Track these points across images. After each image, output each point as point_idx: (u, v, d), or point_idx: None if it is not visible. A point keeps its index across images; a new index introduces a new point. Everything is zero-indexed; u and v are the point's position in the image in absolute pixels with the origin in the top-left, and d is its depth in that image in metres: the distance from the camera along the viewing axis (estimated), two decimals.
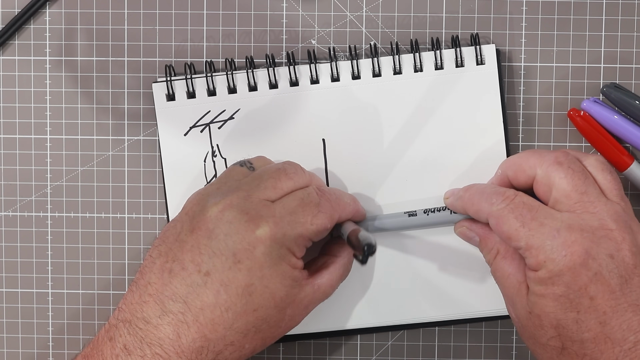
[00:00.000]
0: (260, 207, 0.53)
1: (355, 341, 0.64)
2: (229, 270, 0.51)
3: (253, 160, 0.58)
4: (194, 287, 0.51)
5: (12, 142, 0.64)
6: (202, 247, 0.52)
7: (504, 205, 0.54)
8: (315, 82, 0.62)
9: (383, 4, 0.63)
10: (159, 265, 0.53)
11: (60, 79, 0.63)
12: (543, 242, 0.52)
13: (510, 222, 0.53)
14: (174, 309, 0.51)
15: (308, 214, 0.54)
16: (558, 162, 0.55)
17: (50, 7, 0.63)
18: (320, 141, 0.62)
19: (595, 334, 0.51)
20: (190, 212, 0.54)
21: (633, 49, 0.62)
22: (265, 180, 0.55)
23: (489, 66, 0.61)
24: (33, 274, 0.64)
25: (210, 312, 0.51)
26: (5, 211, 0.64)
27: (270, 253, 0.52)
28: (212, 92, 0.62)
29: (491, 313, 0.62)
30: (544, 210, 0.54)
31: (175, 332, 0.51)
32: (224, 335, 0.51)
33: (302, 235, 0.53)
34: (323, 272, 0.56)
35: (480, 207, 0.56)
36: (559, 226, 0.52)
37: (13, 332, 0.64)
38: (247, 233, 0.52)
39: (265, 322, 0.53)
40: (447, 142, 0.61)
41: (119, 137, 0.63)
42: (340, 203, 0.56)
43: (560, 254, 0.52)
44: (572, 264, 0.51)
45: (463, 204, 0.57)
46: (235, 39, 0.63)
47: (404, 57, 0.61)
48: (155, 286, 0.52)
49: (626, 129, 0.61)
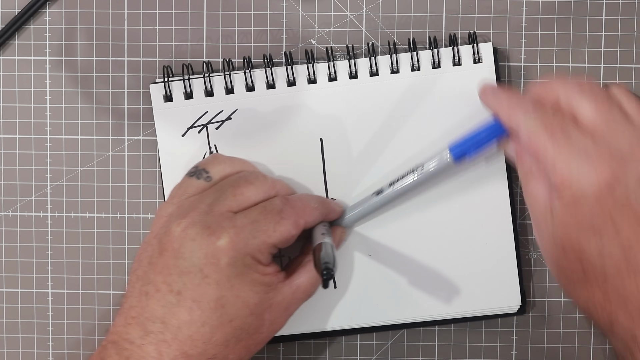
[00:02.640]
0: (222, 220, 0.53)
1: (356, 341, 0.64)
2: (198, 286, 0.52)
3: (208, 165, 0.57)
4: (168, 307, 0.52)
5: (12, 142, 0.64)
6: (171, 268, 0.53)
7: (538, 117, 0.53)
8: (313, 82, 0.62)
9: (383, 4, 0.63)
10: (138, 288, 0.54)
11: (60, 79, 0.64)
12: (569, 162, 0.51)
13: (540, 136, 0.52)
14: (154, 329, 0.52)
15: (270, 222, 0.54)
16: (581, 89, 0.53)
17: (50, 7, 0.63)
18: (318, 141, 0.62)
19: (617, 263, 0.50)
20: (158, 235, 0.54)
21: (633, 49, 0.62)
22: (225, 190, 0.55)
23: (486, 64, 0.61)
24: (33, 274, 0.64)
25: (187, 329, 0.52)
26: (5, 211, 0.64)
27: (234, 263, 0.52)
28: (210, 92, 0.62)
29: (491, 312, 0.62)
30: (576, 130, 0.52)
31: (157, 351, 0.52)
32: (204, 349, 0.52)
33: (265, 242, 0.53)
34: (301, 271, 0.56)
35: (513, 114, 0.54)
36: (587, 147, 0.51)
37: (13, 332, 0.64)
38: (209, 247, 0.52)
39: (243, 330, 0.53)
40: (444, 142, 0.61)
41: (119, 137, 0.63)
42: (306, 209, 0.56)
43: (586, 176, 0.50)
44: (597, 189, 0.50)
45: (497, 104, 0.56)
46: (235, 39, 0.63)
47: (401, 56, 0.61)
48: (136, 309, 0.53)
49: None
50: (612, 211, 0.50)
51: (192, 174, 0.56)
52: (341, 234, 0.60)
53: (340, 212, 0.60)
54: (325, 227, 0.58)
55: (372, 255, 0.62)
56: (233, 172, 0.57)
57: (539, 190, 0.54)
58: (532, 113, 0.53)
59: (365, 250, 0.62)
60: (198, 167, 0.57)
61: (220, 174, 0.57)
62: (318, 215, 0.57)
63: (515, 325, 0.63)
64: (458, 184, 0.61)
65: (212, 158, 0.58)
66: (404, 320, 0.62)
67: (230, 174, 0.57)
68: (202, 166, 0.57)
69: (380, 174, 0.61)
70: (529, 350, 0.63)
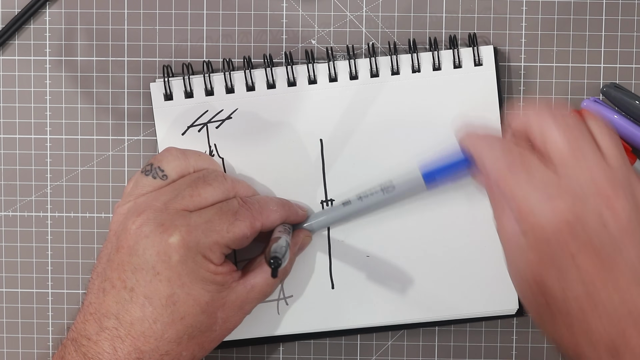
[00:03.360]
0: (176, 217, 0.54)
1: (355, 341, 0.64)
2: (150, 283, 0.53)
3: (162, 162, 0.57)
4: (122, 304, 0.53)
5: (12, 142, 0.64)
6: (125, 264, 0.53)
7: (501, 150, 0.53)
8: (313, 82, 0.62)
9: (383, 4, 0.63)
10: (97, 285, 0.54)
11: (60, 79, 0.63)
12: (528, 198, 0.51)
13: (500, 167, 0.52)
14: (109, 325, 0.53)
15: (224, 222, 0.54)
16: (554, 120, 0.52)
17: (50, 7, 0.63)
18: (318, 141, 0.62)
19: (580, 299, 0.50)
20: (116, 233, 0.55)
21: (633, 49, 0.62)
22: (183, 190, 0.55)
23: (487, 67, 0.61)
24: (33, 274, 0.64)
25: (140, 325, 0.53)
26: (5, 211, 0.64)
27: (185, 261, 0.53)
28: (210, 91, 0.62)
29: (491, 313, 0.62)
30: (537, 163, 0.52)
31: (111, 347, 0.53)
32: (157, 346, 0.53)
33: (217, 242, 0.54)
34: (257, 271, 0.57)
35: (479, 146, 0.54)
36: (549, 182, 0.51)
37: (13, 332, 0.64)
38: (161, 244, 0.53)
39: (195, 328, 0.54)
40: (444, 144, 0.61)
41: (119, 137, 0.63)
42: (264, 211, 0.57)
43: (544, 212, 0.50)
44: (556, 226, 0.50)
45: (467, 139, 0.56)
46: (235, 39, 0.63)
47: (402, 58, 0.61)
48: (94, 305, 0.54)
49: (626, 129, 0.61)
50: (572, 248, 0.50)
51: (148, 172, 0.56)
52: (304, 237, 0.60)
53: (303, 215, 0.60)
54: (285, 227, 0.58)
55: (371, 256, 0.62)
56: (188, 167, 0.57)
57: (509, 223, 0.53)
58: (496, 146, 0.53)
59: (364, 251, 0.62)
60: (153, 165, 0.57)
61: (175, 171, 0.57)
62: (277, 218, 0.57)
63: (515, 326, 0.63)
64: (458, 186, 0.61)
65: (166, 154, 0.57)
66: (404, 321, 0.62)
67: (185, 169, 0.57)
68: (157, 164, 0.57)
69: (378, 174, 0.61)
70: (529, 350, 0.63)
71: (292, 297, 0.62)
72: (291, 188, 0.62)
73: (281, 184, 0.62)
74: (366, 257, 0.62)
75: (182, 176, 0.57)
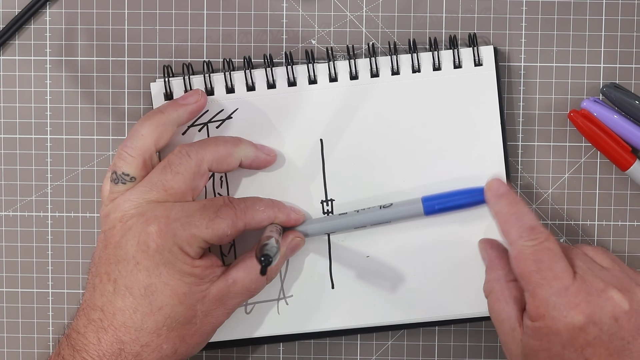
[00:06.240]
0: (157, 208, 0.55)
1: (355, 341, 0.64)
2: (130, 273, 0.54)
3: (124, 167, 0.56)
4: (107, 296, 0.55)
5: (13, 142, 0.64)
6: (111, 258, 0.55)
7: (530, 243, 0.54)
8: (313, 82, 0.62)
9: (383, 4, 0.63)
10: (90, 283, 0.56)
11: (61, 79, 0.64)
12: (549, 298, 0.53)
13: (528, 263, 0.54)
14: (95, 317, 0.55)
15: (204, 218, 0.55)
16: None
17: (50, 7, 0.63)
18: (318, 141, 0.62)
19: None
20: (104, 232, 0.56)
21: (633, 49, 0.62)
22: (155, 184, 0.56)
23: (487, 67, 0.61)
24: (33, 273, 0.64)
25: (121, 315, 0.54)
26: (6, 211, 0.64)
27: (161, 251, 0.54)
28: (210, 91, 0.62)
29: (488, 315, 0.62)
30: (564, 264, 0.54)
31: (96, 337, 0.54)
32: (137, 337, 0.54)
33: (195, 236, 0.55)
34: (240, 266, 0.57)
35: (509, 230, 0.56)
36: (567, 286, 0.53)
37: (13, 332, 0.64)
38: (142, 234, 0.54)
39: (174, 319, 0.55)
40: (444, 144, 0.61)
41: (119, 137, 0.64)
42: (249, 211, 0.57)
43: (562, 315, 0.52)
44: (572, 328, 0.52)
45: (497, 213, 0.58)
46: (235, 39, 0.63)
47: (402, 58, 0.61)
48: (87, 302, 0.56)
49: (626, 129, 0.61)
50: (584, 346, 0.52)
51: (117, 181, 0.57)
52: (294, 237, 0.60)
53: (296, 218, 0.60)
54: (276, 227, 0.58)
55: (371, 256, 0.62)
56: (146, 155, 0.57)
57: (505, 314, 0.56)
58: (525, 235, 0.55)
59: (364, 251, 0.62)
60: (117, 173, 0.57)
61: (139, 168, 0.57)
62: (264, 218, 0.58)
63: None
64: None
65: (122, 157, 0.57)
66: (404, 321, 0.62)
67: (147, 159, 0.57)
68: (119, 170, 0.57)
69: (379, 174, 0.61)
70: None
71: (292, 297, 0.62)
72: (291, 188, 0.62)
73: (281, 184, 0.62)
74: (366, 257, 0.62)
75: (148, 168, 0.57)
